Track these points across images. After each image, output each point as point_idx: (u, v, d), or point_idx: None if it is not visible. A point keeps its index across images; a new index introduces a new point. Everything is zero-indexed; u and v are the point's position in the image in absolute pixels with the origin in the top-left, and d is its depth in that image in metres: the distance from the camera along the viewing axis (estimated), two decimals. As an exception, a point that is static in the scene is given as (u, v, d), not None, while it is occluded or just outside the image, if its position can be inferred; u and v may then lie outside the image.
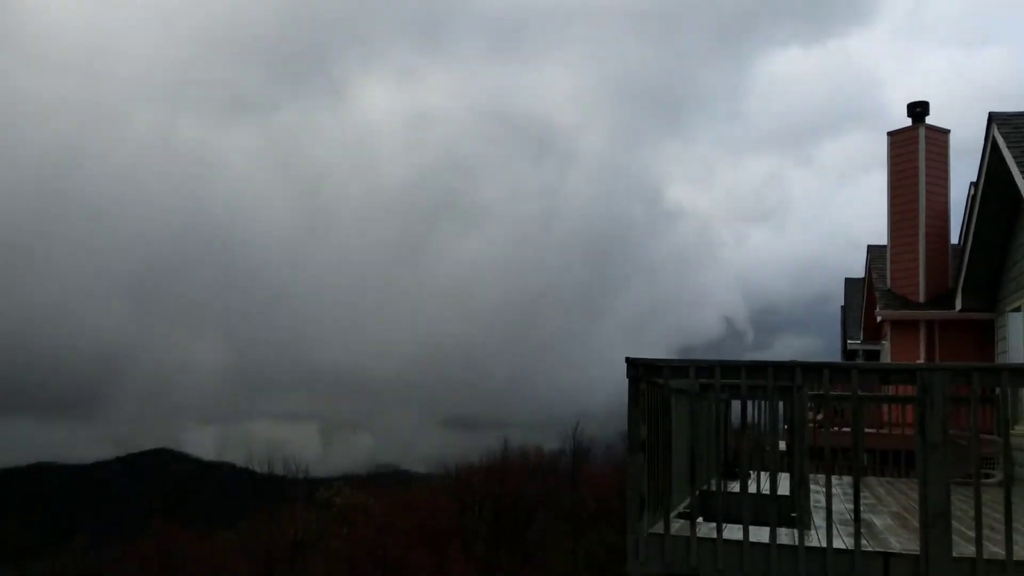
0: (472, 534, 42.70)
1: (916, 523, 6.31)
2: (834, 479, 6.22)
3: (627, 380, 6.19)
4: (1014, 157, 12.74)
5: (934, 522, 5.59)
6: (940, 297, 20.56)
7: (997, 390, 5.95)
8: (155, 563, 39.05)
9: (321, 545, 40.62)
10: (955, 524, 5.78)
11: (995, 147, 13.74)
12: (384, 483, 58.86)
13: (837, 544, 5.87)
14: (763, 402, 7.94)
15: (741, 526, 5.96)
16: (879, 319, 21.64)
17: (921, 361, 19.76)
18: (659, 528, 6.21)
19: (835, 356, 33.91)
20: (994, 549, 5.68)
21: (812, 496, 6.95)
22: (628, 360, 6.16)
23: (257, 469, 50.88)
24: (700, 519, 6.40)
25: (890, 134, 21.67)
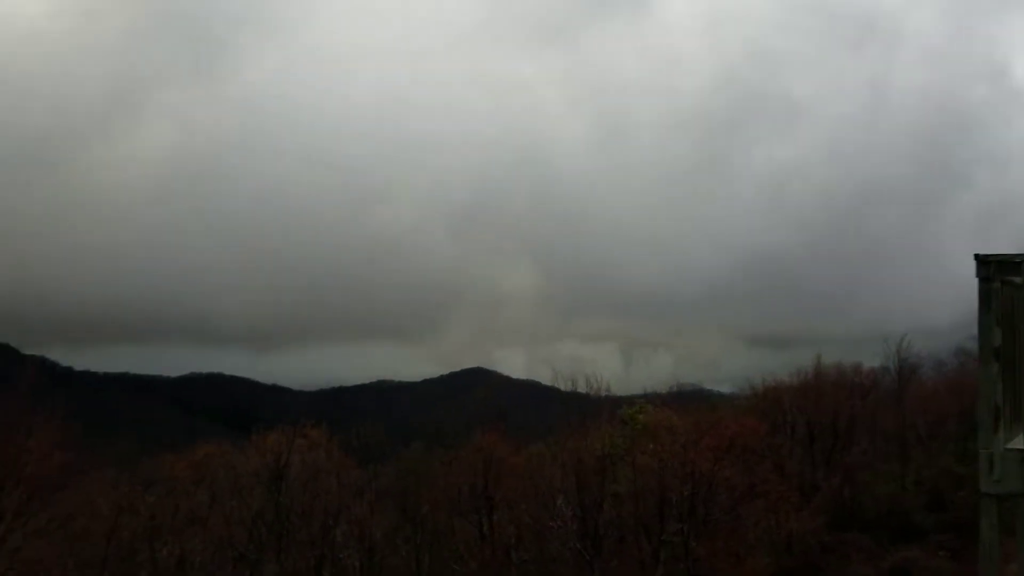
0: (784, 455, 41.82)
1: None
2: None
3: (977, 281, 5.63)
4: None
5: None
6: None
7: None
8: (479, 469, 43.49)
9: (628, 459, 42.30)
10: None
11: None
12: (686, 402, 59.33)
13: None
14: None
15: None
16: None
17: None
18: (1018, 443, 5.67)
19: None
20: None
21: None
22: (978, 257, 5.58)
23: (561, 387, 53.88)
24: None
25: None
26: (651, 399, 55.75)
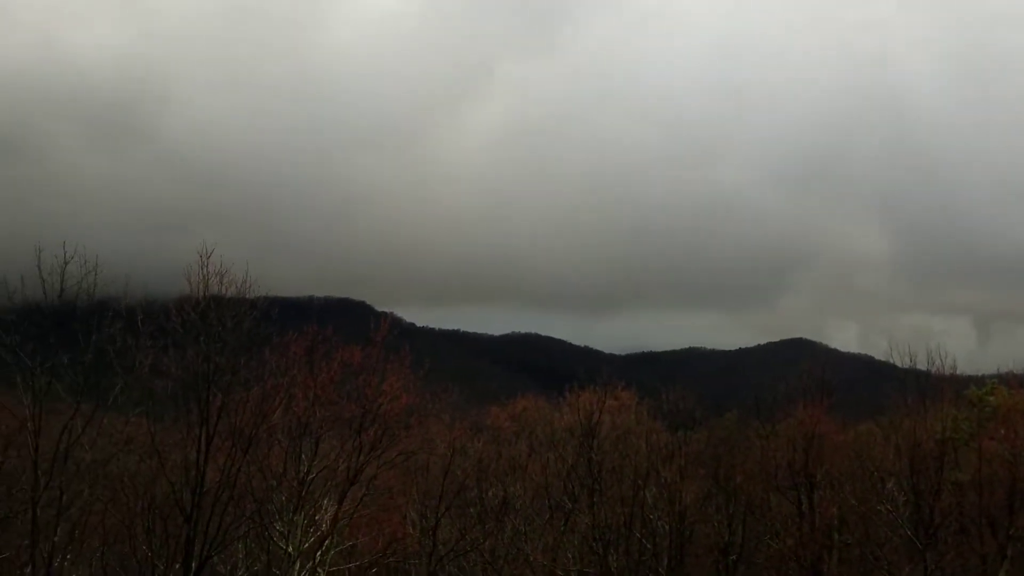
0: None
1: None
2: None
3: None
4: None
5: None
6: None
7: None
8: (800, 444, 42.20)
9: (973, 445, 38.56)
10: None
11: None
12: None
13: None
14: None
15: None
16: None
17: None
18: None
19: None
20: None
21: None
22: None
23: (898, 362, 50.03)
24: None
25: None
26: (1006, 379, 49.83)
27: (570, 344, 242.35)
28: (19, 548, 26.38)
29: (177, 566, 26.24)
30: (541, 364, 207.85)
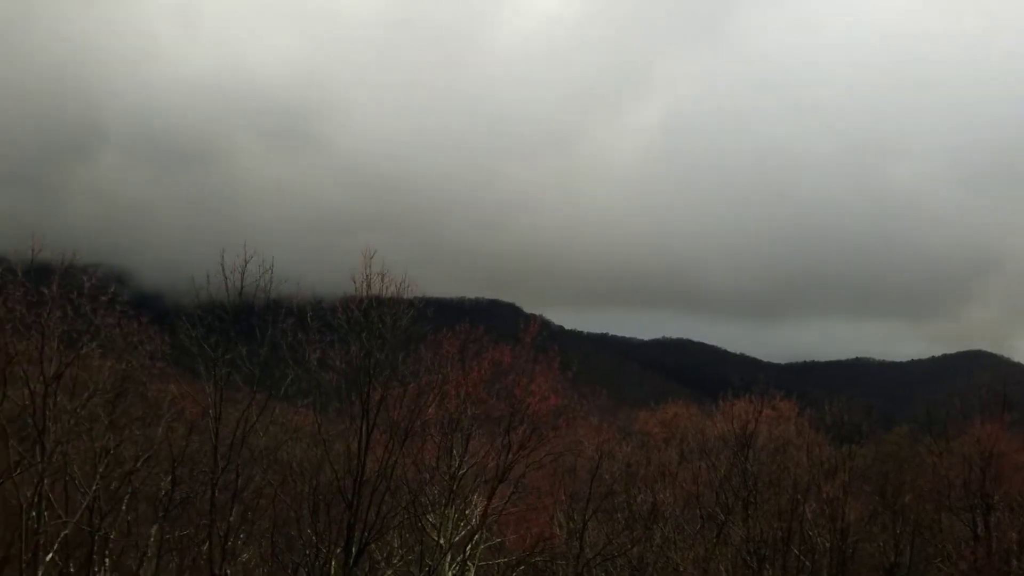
0: None
1: None
2: None
3: None
4: None
5: None
6: None
7: None
8: (976, 463, 39.72)
9: None
10: None
11: None
12: None
13: None
14: None
15: None
16: None
17: None
18: None
19: None
20: None
21: None
22: None
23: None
24: None
25: None
26: None
27: (725, 351, 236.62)
28: (199, 526, 28.97)
29: (339, 550, 27.95)
30: (693, 370, 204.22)
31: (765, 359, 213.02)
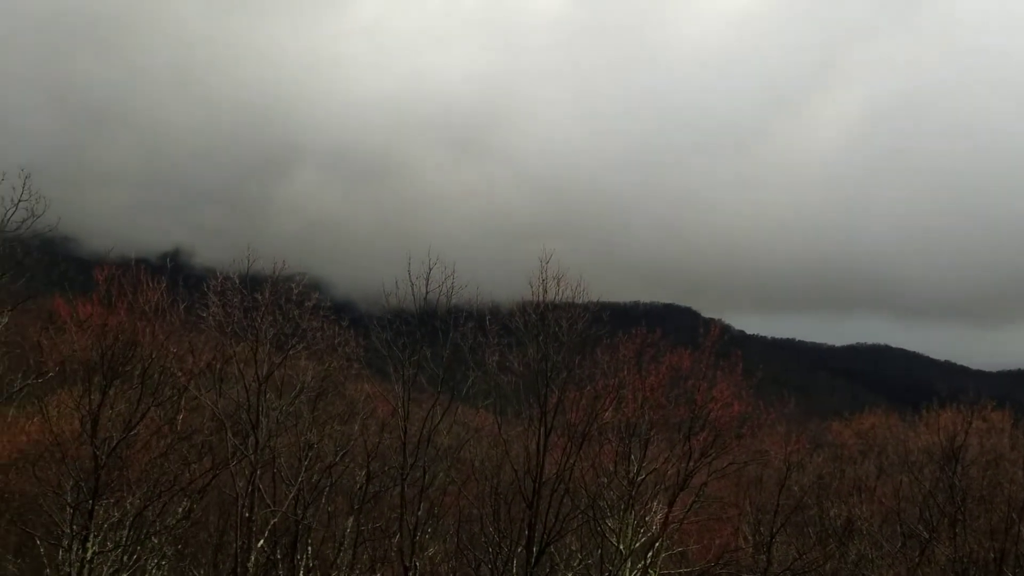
0: None
1: None
2: None
3: None
4: None
5: None
6: None
7: None
8: None
9: None
10: None
11: None
12: None
13: None
14: None
15: None
16: None
17: None
18: None
19: None
20: None
21: None
22: None
23: None
24: None
25: None
26: None
27: (928, 357, 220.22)
28: (389, 519, 31.12)
29: (520, 549, 29.09)
30: (891, 378, 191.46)
31: (975, 366, 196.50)
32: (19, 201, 22.67)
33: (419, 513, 29.04)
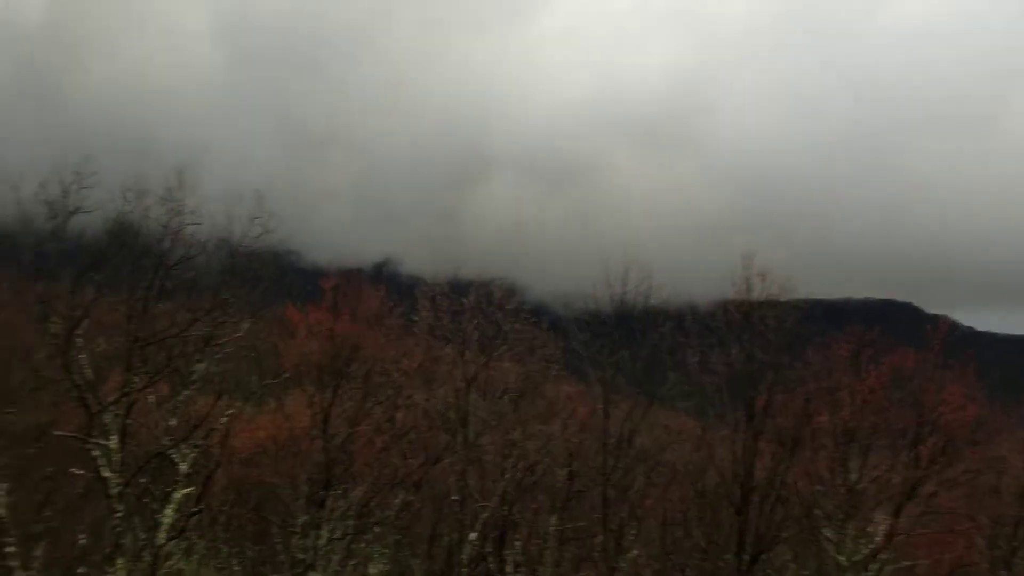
0: None
1: None
2: None
3: None
4: None
5: None
6: None
7: None
8: None
9: None
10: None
11: None
12: None
13: None
14: None
15: None
16: None
17: None
18: None
19: None
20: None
21: None
22: None
23: None
24: None
25: None
26: None
27: None
28: (592, 519, 31.33)
29: (728, 556, 28.32)
30: None
31: None
32: (256, 218, 25.03)
33: (622, 515, 29.01)
